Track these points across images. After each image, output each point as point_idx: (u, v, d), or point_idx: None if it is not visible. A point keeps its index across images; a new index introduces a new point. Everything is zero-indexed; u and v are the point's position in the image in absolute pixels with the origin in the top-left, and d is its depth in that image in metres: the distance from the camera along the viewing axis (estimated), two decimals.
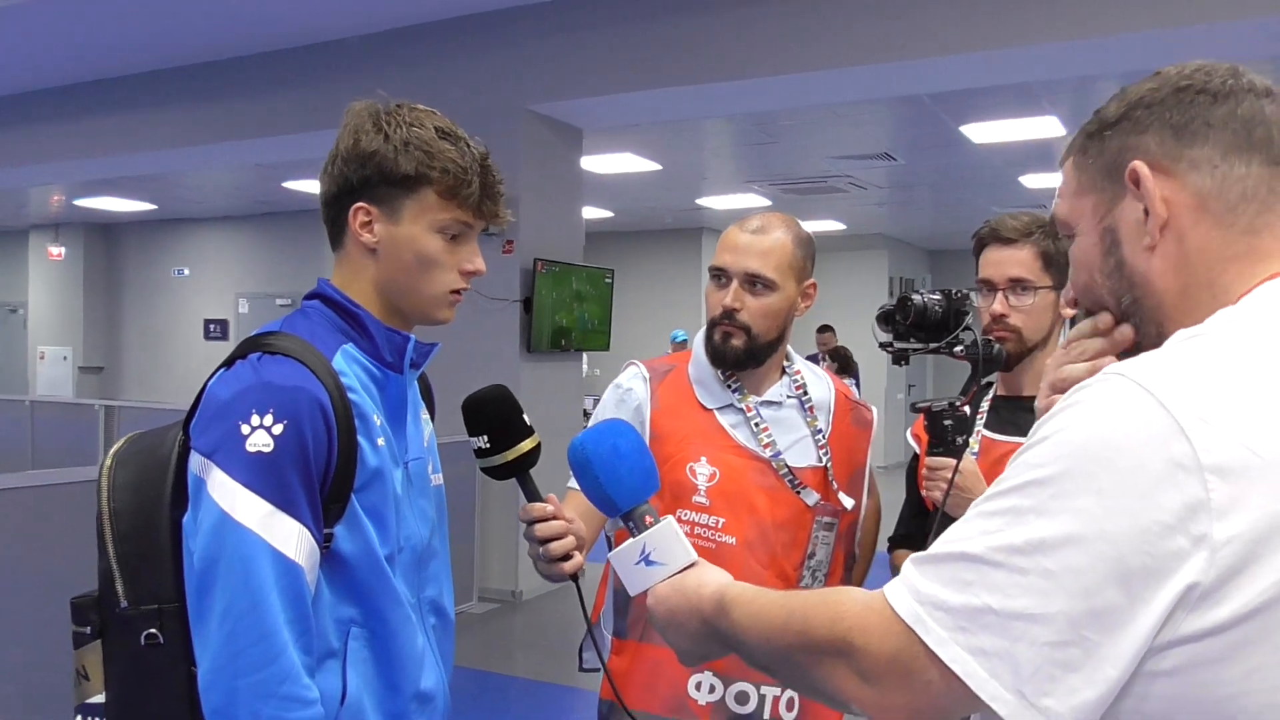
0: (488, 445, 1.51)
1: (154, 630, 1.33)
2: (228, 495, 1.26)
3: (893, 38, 5.44)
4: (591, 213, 12.06)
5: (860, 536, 2.06)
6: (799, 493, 1.91)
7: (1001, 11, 5.18)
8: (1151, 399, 0.78)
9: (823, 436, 1.98)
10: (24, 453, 7.94)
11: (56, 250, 14.73)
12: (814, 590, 1.12)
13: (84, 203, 12.76)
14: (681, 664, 1.22)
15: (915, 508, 2.12)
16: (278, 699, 1.24)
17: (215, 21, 6.68)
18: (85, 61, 7.65)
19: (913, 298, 1.82)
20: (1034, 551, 0.78)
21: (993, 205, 10.85)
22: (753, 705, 1.87)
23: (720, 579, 1.14)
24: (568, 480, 1.85)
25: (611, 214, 12.82)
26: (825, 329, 11.43)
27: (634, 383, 1.99)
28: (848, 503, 1.96)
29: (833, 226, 13.49)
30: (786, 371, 2.03)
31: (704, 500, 1.88)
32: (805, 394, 2.00)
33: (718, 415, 1.95)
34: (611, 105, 6.55)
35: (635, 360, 2.07)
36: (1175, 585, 0.75)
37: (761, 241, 1.91)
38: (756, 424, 1.94)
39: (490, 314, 6.40)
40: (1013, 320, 1.95)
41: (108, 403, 8.02)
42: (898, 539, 2.16)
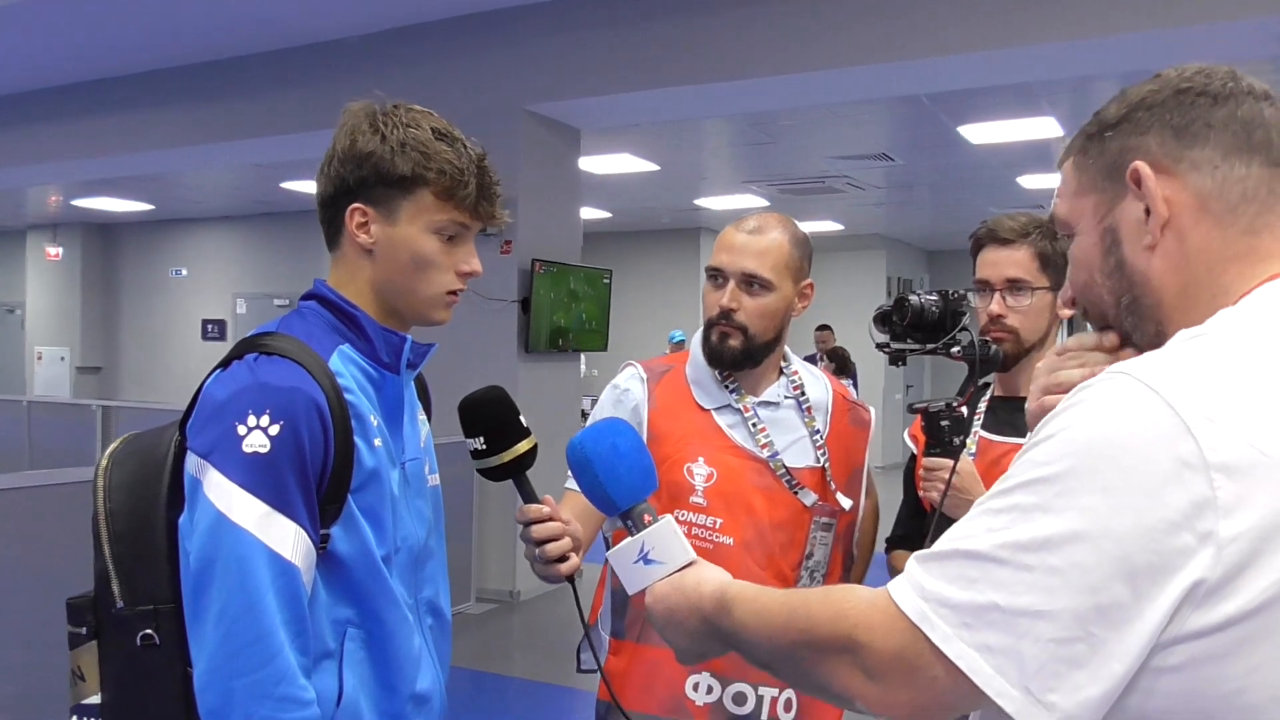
0: (484, 447, 1.51)
1: (150, 631, 1.32)
2: (224, 496, 1.26)
3: (891, 38, 5.44)
4: (589, 213, 12.07)
5: (858, 537, 2.06)
6: (796, 493, 1.91)
7: (1000, 12, 5.18)
8: (1157, 398, 0.78)
9: (820, 437, 1.98)
10: (21, 453, 7.93)
11: (54, 250, 14.71)
12: (817, 588, 1.12)
13: (82, 203, 12.75)
14: (679, 663, 1.22)
15: (913, 508, 2.12)
16: (274, 700, 1.24)
17: (213, 21, 6.68)
18: (83, 61, 7.65)
19: (910, 298, 1.82)
20: (1040, 548, 0.78)
21: (990, 206, 10.85)
22: (750, 706, 1.86)
23: (720, 577, 1.14)
24: (565, 481, 1.85)
25: (609, 214, 12.82)
26: (823, 328, 11.43)
27: (631, 383, 1.99)
28: (845, 503, 1.96)
29: (830, 227, 13.49)
30: (784, 372, 2.02)
31: (701, 501, 1.88)
32: (803, 394, 2.00)
33: (715, 415, 1.95)
34: (609, 105, 6.55)
35: (633, 361, 2.06)
36: (1181, 582, 0.75)
37: (758, 242, 1.91)
38: (754, 424, 1.94)
39: (488, 314, 6.40)
40: (1010, 321, 1.95)
41: (105, 403, 8.01)
42: (895, 539, 2.16)
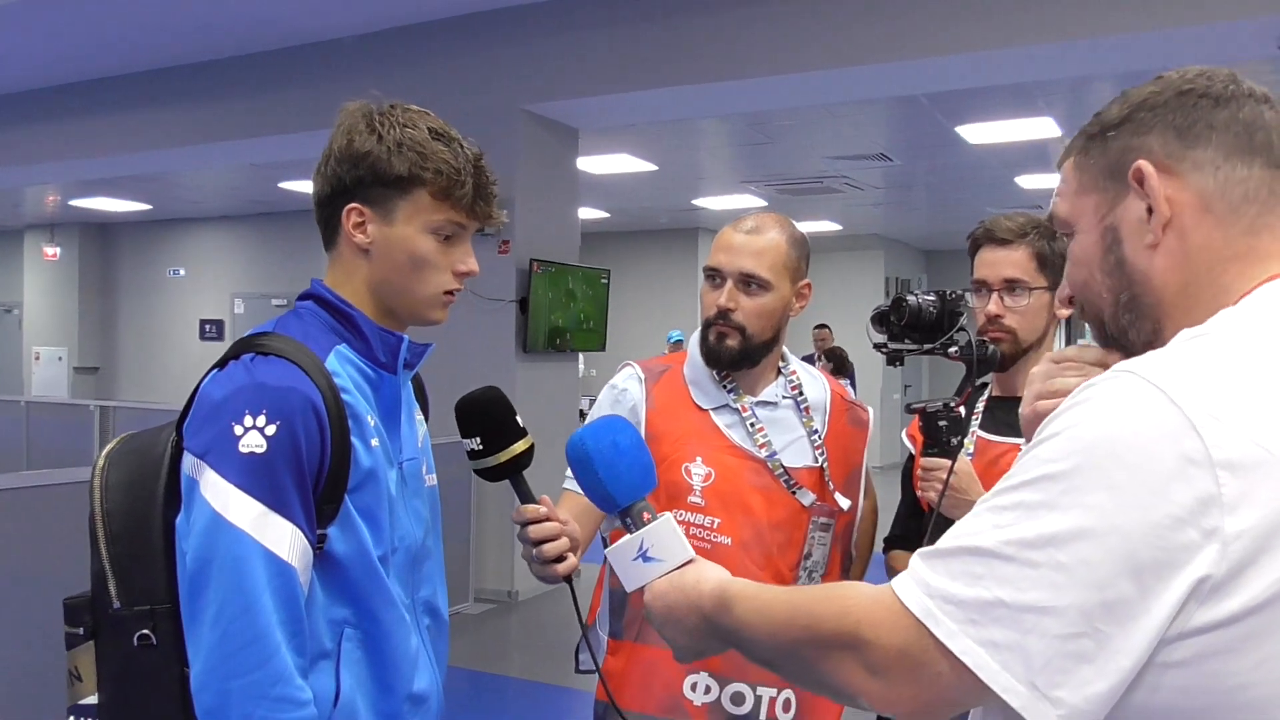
0: (480, 447, 1.51)
1: (147, 631, 1.32)
2: (220, 496, 1.26)
3: (889, 38, 5.44)
4: (587, 213, 12.07)
5: (857, 537, 2.06)
6: (794, 493, 1.91)
7: (998, 12, 5.18)
8: (1163, 396, 0.79)
9: (819, 437, 1.97)
10: (19, 453, 7.92)
11: (52, 250, 14.70)
12: (819, 585, 1.13)
13: (79, 203, 12.74)
14: (677, 660, 1.22)
15: (911, 508, 2.12)
16: (270, 700, 1.24)
17: (211, 21, 6.68)
18: (81, 61, 7.64)
19: (907, 298, 1.82)
20: (1046, 545, 0.79)
21: (988, 206, 10.85)
22: (749, 706, 1.86)
23: (719, 575, 1.14)
24: (563, 481, 1.85)
25: (607, 214, 12.82)
26: (821, 327, 11.43)
27: (629, 383, 1.99)
28: (844, 503, 1.96)
29: (828, 227, 13.50)
30: (782, 372, 2.02)
31: (699, 500, 1.88)
32: (801, 394, 2.00)
33: (713, 415, 1.95)
34: (607, 105, 6.55)
35: (630, 361, 2.06)
36: (1187, 578, 0.76)
37: (756, 242, 1.91)
38: (752, 424, 1.93)
39: (486, 314, 6.40)
40: (1008, 321, 1.95)
41: (103, 403, 8.00)
42: (893, 539, 2.16)
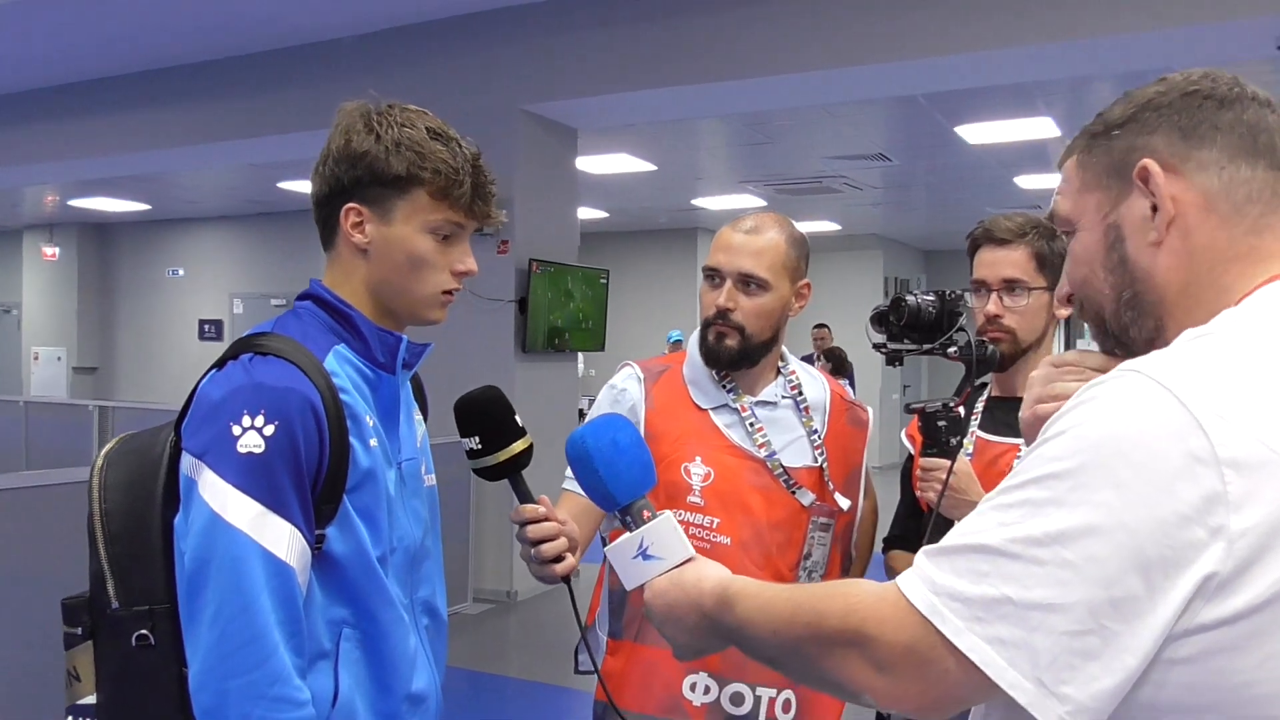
0: (479, 446, 1.51)
1: (145, 631, 1.32)
2: (219, 496, 1.26)
3: (888, 38, 5.44)
4: (586, 213, 12.06)
5: (856, 538, 2.06)
6: (794, 493, 1.91)
7: (997, 12, 5.18)
8: (1169, 395, 0.80)
9: (818, 437, 1.97)
10: (18, 453, 7.92)
11: (51, 250, 14.69)
12: (822, 583, 1.13)
13: (78, 203, 12.73)
14: (676, 658, 1.22)
15: (910, 508, 2.12)
16: (268, 700, 1.24)
17: (210, 21, 6.68)
18: (79, 61, 7.64)
19: (907, 299, 1.82)
20: (1053, 543, 0.79)
21: (987, 206, 10.85)
22: (748, 707, 1.86)
23: (720, 573, 1.15)
24: (562, 481, 1.85)
25: (606, 214, 12.82)
26: (820, 327, 11.43)
27: (628, 383, 1.99)
28: (844, 503, 1.96)
29: (828, 227, 13.50)
30: (781, 372, 2.02)
31: (699, 500, 1.88)
32: (800, 394, 2.00)
33: (712, 415, 1.95)
34: (606, 105, 6.55)
35: (630, 361, 2.06)
36: (1194, 575, 0.77)
37: (755, 241, 1.91)
38: (751, 424, 1.93)
39: (485, 314, 6.39)
40: (1007, 321, 1.95)
41: (102, 403, 8.00)
42: (892, 539, 2.16)
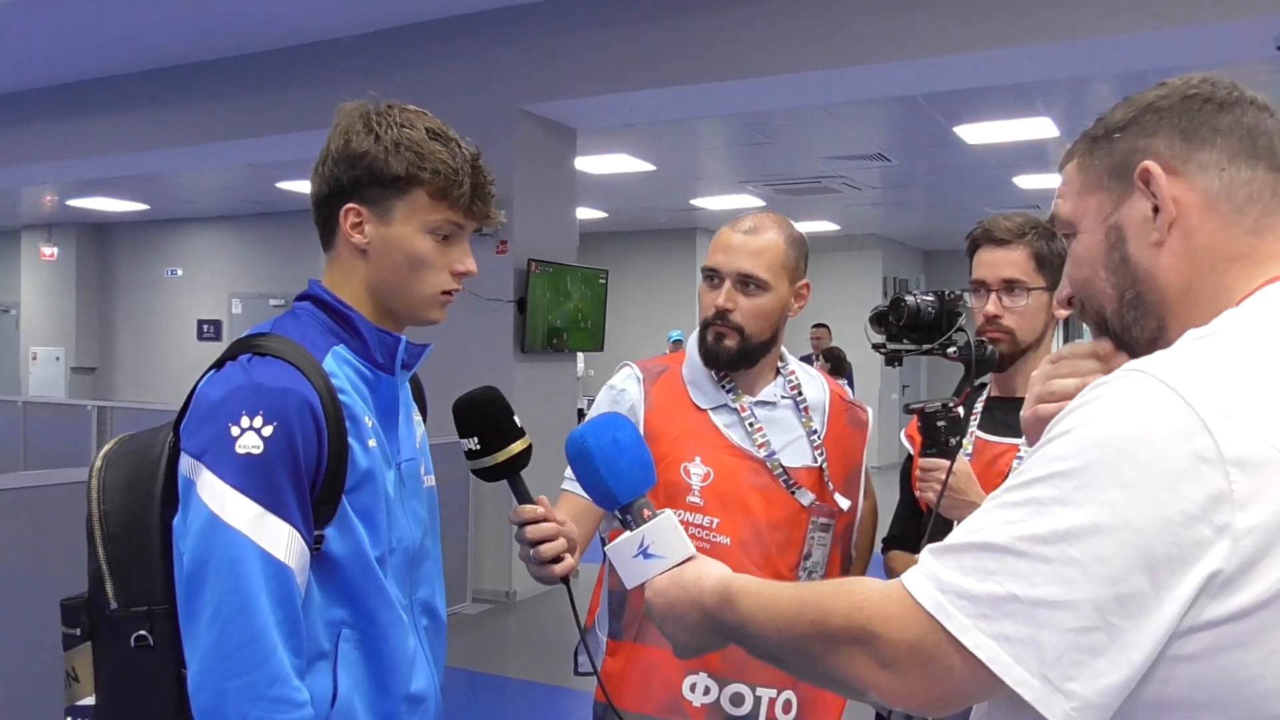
0: (478, 447, 1.51)
1: (144, 632, 1.32)
2: (217, 497, 1.26)
3: (887, 38, 5.44)
4: (585, 213, 12.06)
5: (856, 538, 2.05)
6: (794, 493, 1.91)
7: (996, 12, 5.19)
8: (1174, 394, 0.81)
9: (818, 437, 1.97)
10: (16, 454, 7.90)
11: (49, 250, 14.68)
12: (826, 581, 1.13)
13: (77, 203, 12.73)
14: (677, 657, 1.22)
15: (909, 508, 2.12)
16: (267, 701, 1.24)
17: (208, 21, 6.67)
18: (78, 61, 7.63)
19: (906, 299, 1.82)
20: (1059, 540, 0.80)
21: (987, 206, 10.86)
22: (748, 707, 1.86)
23: (721, 572, 1.15)
24: (561, 481, 1.85)
25: (605, 214, 12.82)
26: (818, 326, 11.41)
27: (627, 383, 1.99)
28: (843, 504, 1.96)
29: (827, 227, 13.50)
30: (781, 372, 2.02)
31: (698, 500, 1.88)
32: (800, 394, 2.00)
33: (711, 415, 1.95)
34: (605, 105, 6.55)
35: (629, 361, 2.06)
36: (1199, 572, 0.78)
37: (754, 242, 1.91)
38: (751, 424, 1.93)
39: (484, 314, 6.39)
40: (1006, 321, 1.95)
41: (100, 403, 7.99)
42: (892, 540, 2.16)
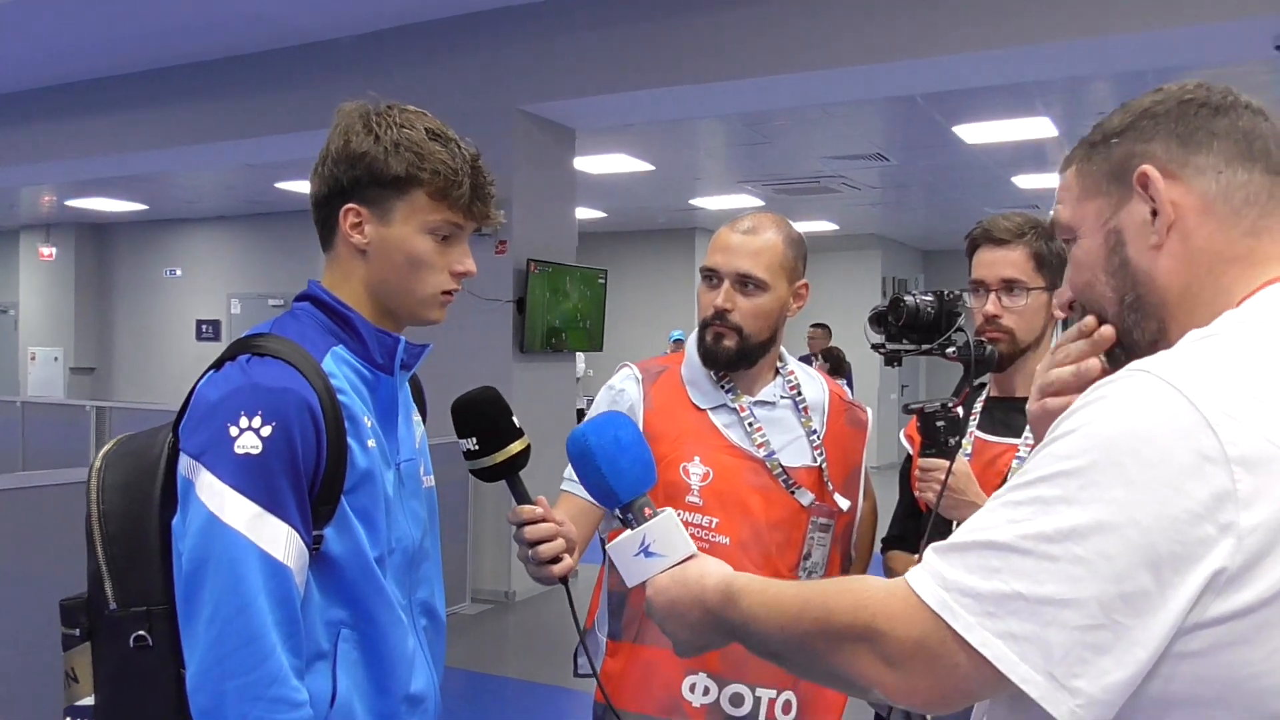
0: (476, 447, 1.51)
1: (143, 632, 1.32)
2: (216, 497, 1.26)
3: (886, 38, 5.44)
4: (584, 213, 12.05)
5: (856, 539, 2.06)
6: (793, 493, 1.91)
7: (995, 12, 5.19)
8: (1178, 394, 0.82)
9: (817, 437, 1.97)
10: (15, 454, 7.89)
11: (47, 250, 14.67)
12: (830, 579, 1.14)
13: (75, 203, 12.72)
14: (677, 655, 1.23)
15: (908, 508, 2.12)
16: (266, 701, 1.24)
17: (207, 21, 6.67)
18: (76, 61, 7.63)
19: (905, 299, 1.82)
20: (1064, 539, 0.81)
21: (985, 206, 10.85)
22: (748, 707, 1.86)
23: (722, 570, 1.16)
24: (561, 482, 1.85)
25: (604, 214, 12.82)
26: (815, 327, 11.39)
27: (626, 384, 1.99)
28: (843, 504, 1.96)
29: (825, 227, 13.50)
30: (780, 372, 2.02)
31: (697, 500, 1.88)
32: (799, 394, 2.00)
33: (711, 415, 1.95)
34: (604, 105, 6.55)
35: (628, 361, 2.06)
36: (1204, 570, 0.78)
37: (752, 242, 1.91)
38: (750, 424, 1.93)
39: (483, 314, 6.39)
40: (1005, 321, 1.95)
41: (99, 404, 7.97)
42: (891, 540, 2.16)
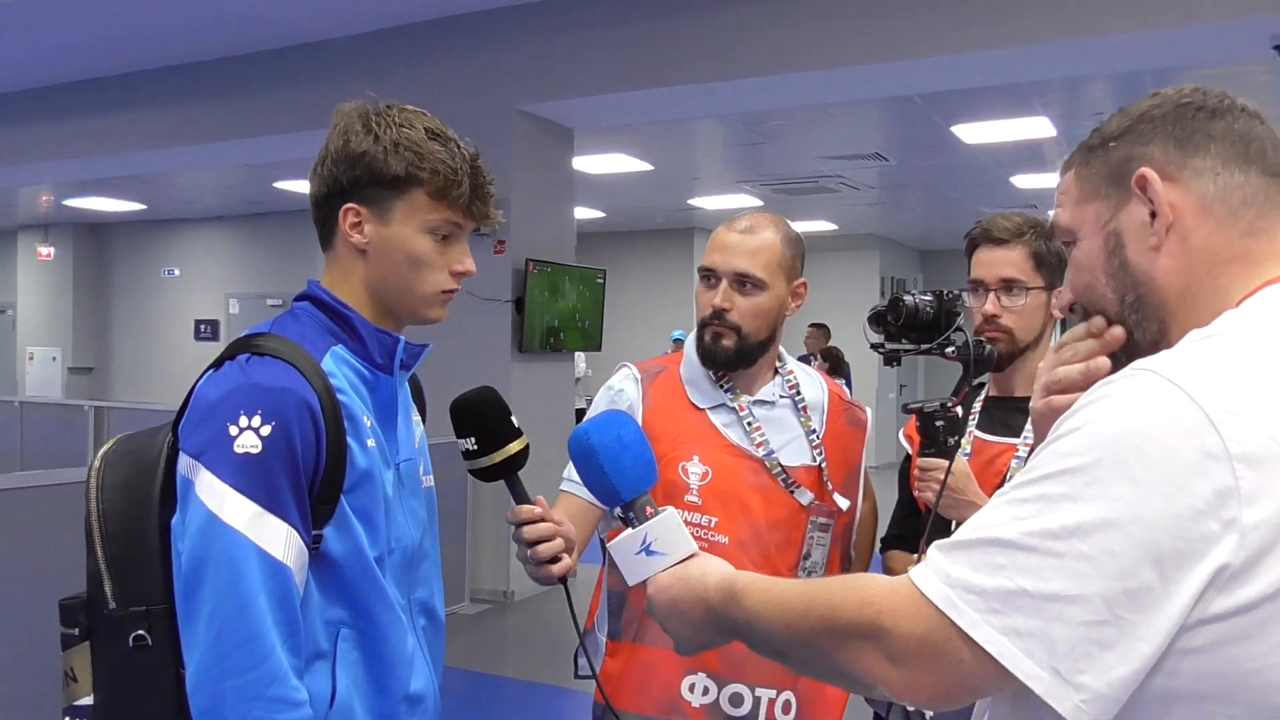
0: (475, 447, 1.51)
1: (142, 632, 1.32)
2: (215, 496, 1.26)
3: (884, 39, 5.45)
4: (583, 213, 12.06)
5: (856, 539, 2.06)
6: (792, 492, 1.91)
7: (993, 12, 5.19)
8: (1181, 393, 0.82)
9: (817, 436, 1.97)
10: (13, 454, 7.89)
11: (46, 250, 14.66)
12: (833, 577, 1.14)
13: (73, 203, 12.71)
14: (678, 653, 1.23)
15: (907, 508, 2.13)
16: (265, 700, 1.24)
17: (206, 21, 6.66)
18: (74, 61, 7.62)
19: (904, 298, 1.82)
20: (1069, 536, 0.81)
21: (984, 205, 10.86)
22: (747, 707, 1.86)
23: (724, 568, 1.16)
24: (560, 482, 1.85)
25: (603, 214, 12.82)
26: (812, 327, 11.37)
27: (625, 384, 1.99)
28: (843, 503, 1.96)
29: (824, 227, 13.50)
30: (779, 371, 2.02)
31: (696, 499, 1.88)
32: (798, 394, 2.00)
33: (710, 415, 1.95)
34: (602, 105, 6.55)
35: (627, 362, 2.06)
36: (1207, 566, 0.79)
37: (750, 241, 1.91)
38: (749, 423, 1.93)
39: (482, 314, 6.39)
40: (1004, 321, 1.95)
41: (97, 403, 7.97)
42: (890, 539, 2.16)
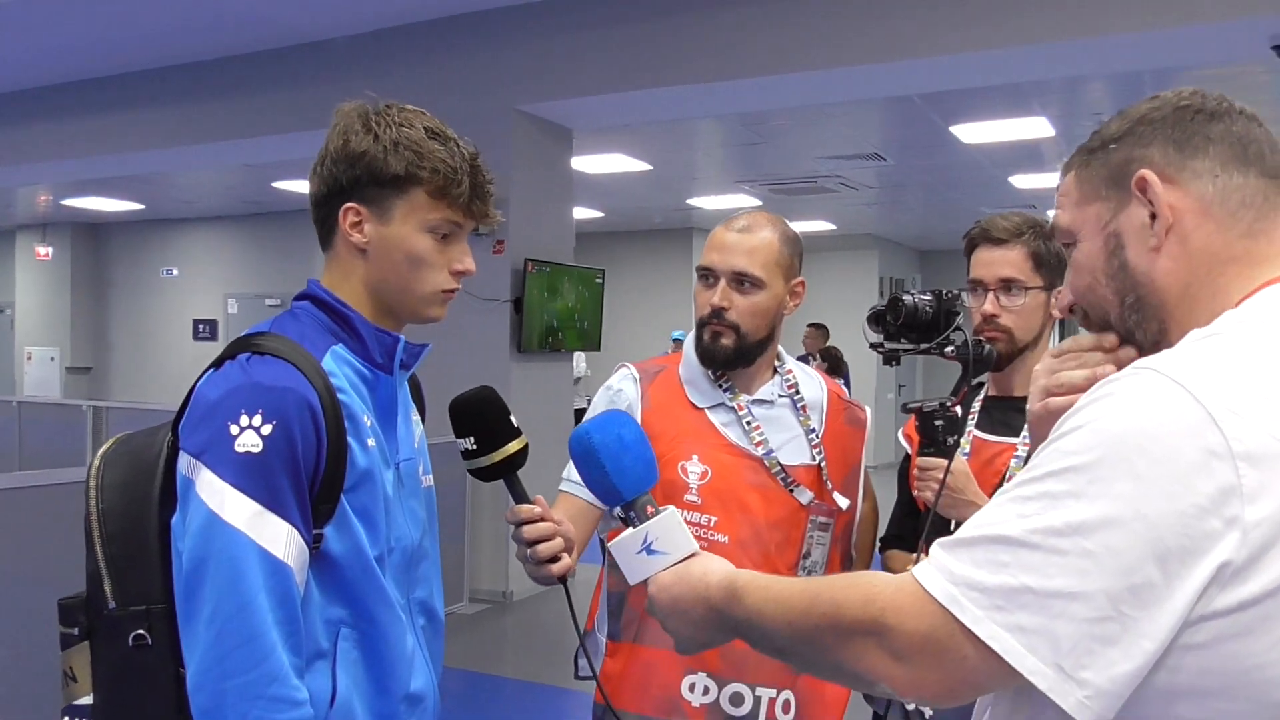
0: (474, 447, 1.51)
1: (142, 631, 1.32)
2: (216, 495, 1.26)
3: (883, 39, 5.45)
4: (582, 213, 12.06)
5: (856, 539, 2.06)
6: (792, 491, 1.91)
7: (993, 12, 5.19)
8: (1184, 392, 0.83)
9: (816, 436, 1.97)
10: (11, 454, 7.88)
11: (44, 250, 14.65)
12: (837, 575, 1.15)
13: (72, 202, 12.70)
14: (679, 652, 1.23)
15: (907, 508, 2.13)
16: (266, 700, 1.24)
17: (204, 21, 6.66)
18: (73, 61, 7.62)
19: (903, 298, 1.82)
20: (1073, 533, 0.82)
21: (983, 205, 10.86)
22: (747, 707, 1.86)
23: (725, 567, 1.17)
24: (559, 482, 1.85)
25: (602, 214, 12.82)
26: (811, 327, 11.36)
27: (625, 383, 1.99)
28: (842, 503, 1.96)
29: (823, 227, 13.51)
30: (778, 371, 2.02)
31: (696, 499, 1.88)
32: (797, 393, 2.00)
33: (709, 414, 1.95)
34: (601, 105, 6.55)
35: (626, 362, 2.06)
36: (1210, 563, 0.80)
37: (748, 240, 1.91)
38: (748, 422, 1.93)
39: (481, 314, 6.39)
40: (1004, 320, 1.95)
41: (96, 403, 7.96)
42: (889, 539, 2.16)
